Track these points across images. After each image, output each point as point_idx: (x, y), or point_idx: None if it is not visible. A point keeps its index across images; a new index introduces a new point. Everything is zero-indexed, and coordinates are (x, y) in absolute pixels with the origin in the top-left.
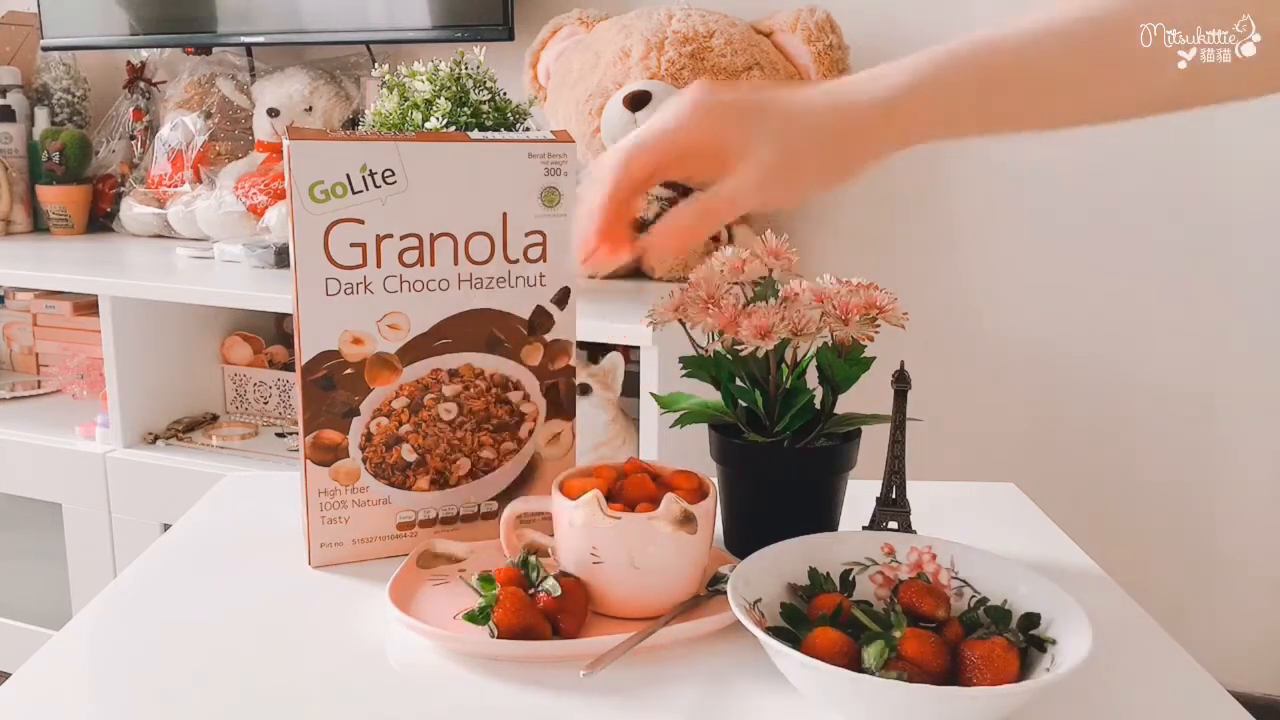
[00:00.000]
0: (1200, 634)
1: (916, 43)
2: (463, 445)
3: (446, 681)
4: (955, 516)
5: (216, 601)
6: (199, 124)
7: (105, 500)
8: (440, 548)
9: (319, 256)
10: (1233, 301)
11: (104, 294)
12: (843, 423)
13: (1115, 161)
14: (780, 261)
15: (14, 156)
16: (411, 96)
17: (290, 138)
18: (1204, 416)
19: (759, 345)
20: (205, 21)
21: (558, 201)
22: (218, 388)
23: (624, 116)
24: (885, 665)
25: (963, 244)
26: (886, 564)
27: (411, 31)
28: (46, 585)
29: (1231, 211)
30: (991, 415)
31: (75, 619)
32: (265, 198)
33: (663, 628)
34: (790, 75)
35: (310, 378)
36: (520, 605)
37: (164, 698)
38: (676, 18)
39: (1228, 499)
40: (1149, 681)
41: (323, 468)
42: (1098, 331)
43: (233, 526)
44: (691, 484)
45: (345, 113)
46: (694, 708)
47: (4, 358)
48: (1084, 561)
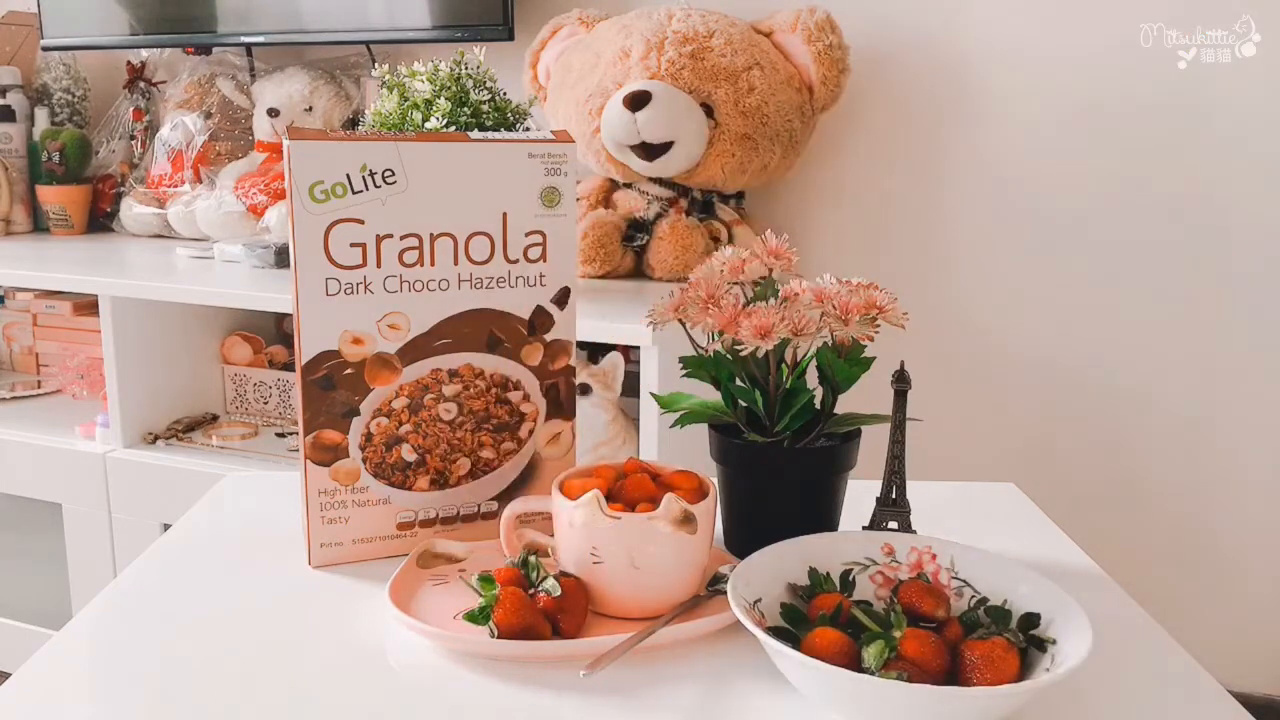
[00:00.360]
0: (1200, 634)
1: (917, 43)
2: (463, 445)
3: (446, 681)
4: (955, 516)
5: (216, 601)
6: (199, 124)
7: (105, 500)
8: (440, 548)
9: (319, 256)
10: (1233, 301)
11: (104, 294)
12: (843, 423)
13: (1115, 163)
14: (780, 261)
15: (14, 156)
16: (411, 96)
17: (290, 138)
18: (1204, 416)
19: (759, 345)
20: (205, 21)
21: (558, 201)
22: (218, 388)
23: (624, 116)
24: (885, 665)
25: (963, 244)
26: (886, 564)
27: (411, 31)
28: (46, 585)
29: (1232, 212)
30: (991, 415)
31: (75, 619)
32: (265, 198)
33: (663, 628)
34: (790, 75)
35: (310, 378)
36: (520, 605)
37: (164, 698)
38: (676, 18)
39: (1228, 499)
40: (1149, 681)
41: (323, 468)
42: (1098, 331)
43: (233, 526)
44: (691, 484)
45: (345, 113)
46: (694, 708)
47: (4, 358)
48: (1084, 561)
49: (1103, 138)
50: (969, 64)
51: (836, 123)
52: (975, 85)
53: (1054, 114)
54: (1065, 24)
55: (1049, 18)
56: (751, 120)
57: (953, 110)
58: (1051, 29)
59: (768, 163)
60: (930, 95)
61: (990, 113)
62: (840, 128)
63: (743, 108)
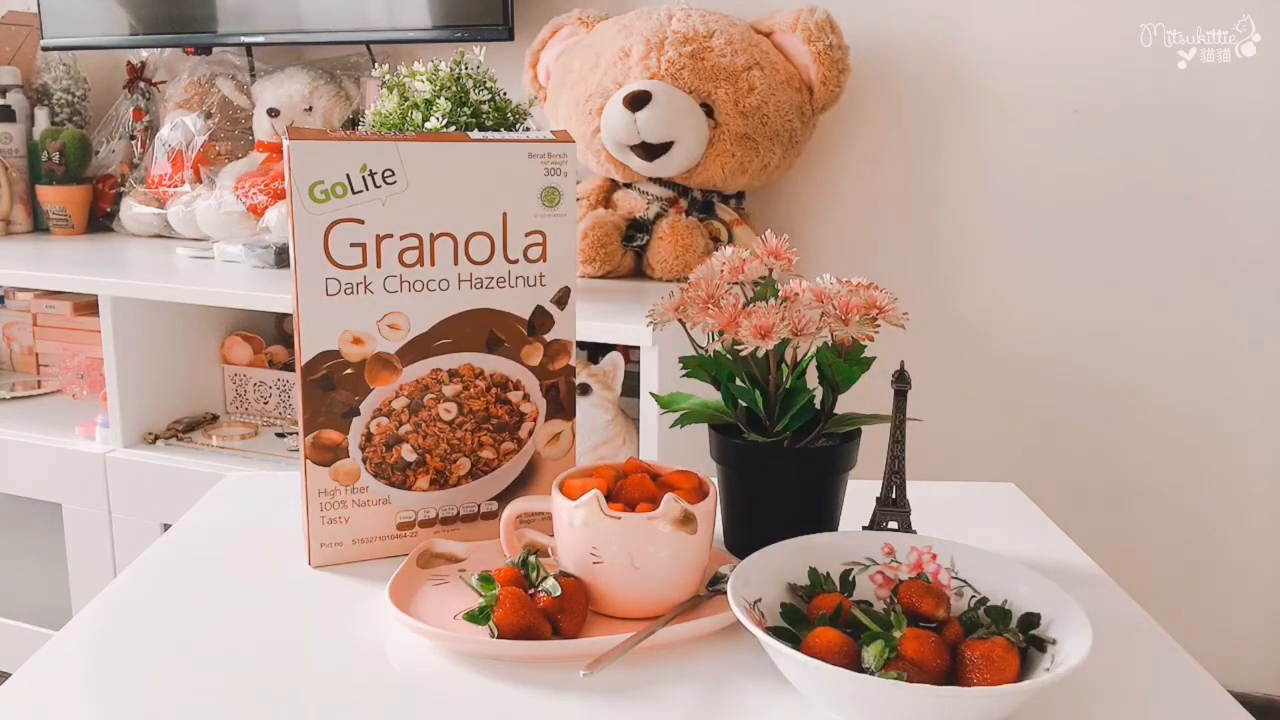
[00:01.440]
0: (1200, 634)
1: (917, 43)
2: (463, 445)
3: (446, 681)
4: (955, 516)
5: (216, 601)
6: (199, 124)
7: (105, 500)
8: (440, 548)
9: (319, 256)
10: (1233, 301)
11: (104, 294)
12: (843, 423)
13: (1115, 163)
14: (780, 261)
15: (14, 156)
16: (411, 96)
17: (290, 138)
18: (1204, 416)
19: (759, 345)
20: (205, 21)
21: (558, 201)
22: (218, 388)
23: (624, 116)
24: (885, 665)
25: (963, 244)
26: (886, 564)
27: (411, 31)
28: (46, 585)
29: (1232, 212)
30: (991, 415)
31: (75, 619)
32: (265, 198)
33: (663, 628)
34: (790, 75)
35: (310, 378)
36: (520, 605)
37: (164, 698)
38: (676, 18)
39: (1228, 499)
40: (1149, 681)
41: (323, 468)
42: (1098, 331)
43: (233, 526)
44: (691, 484)
45: (345, 113)
46: (694, 708)
47: (4, 358)
48: (1084, 561)
49: (1103, 138)
50: (969, 64)
51: (836, 123)
52: (975, 85)
53: (1054, 114)
54: (1066, 24)
55: (1049, 18)
56: (751, 120)
57: (953, 110)
58: (1052, 29)
59: (768, 163)
60: (930, 95)
61: (990, 113)
62: (840, 128)
63: (743, 108)
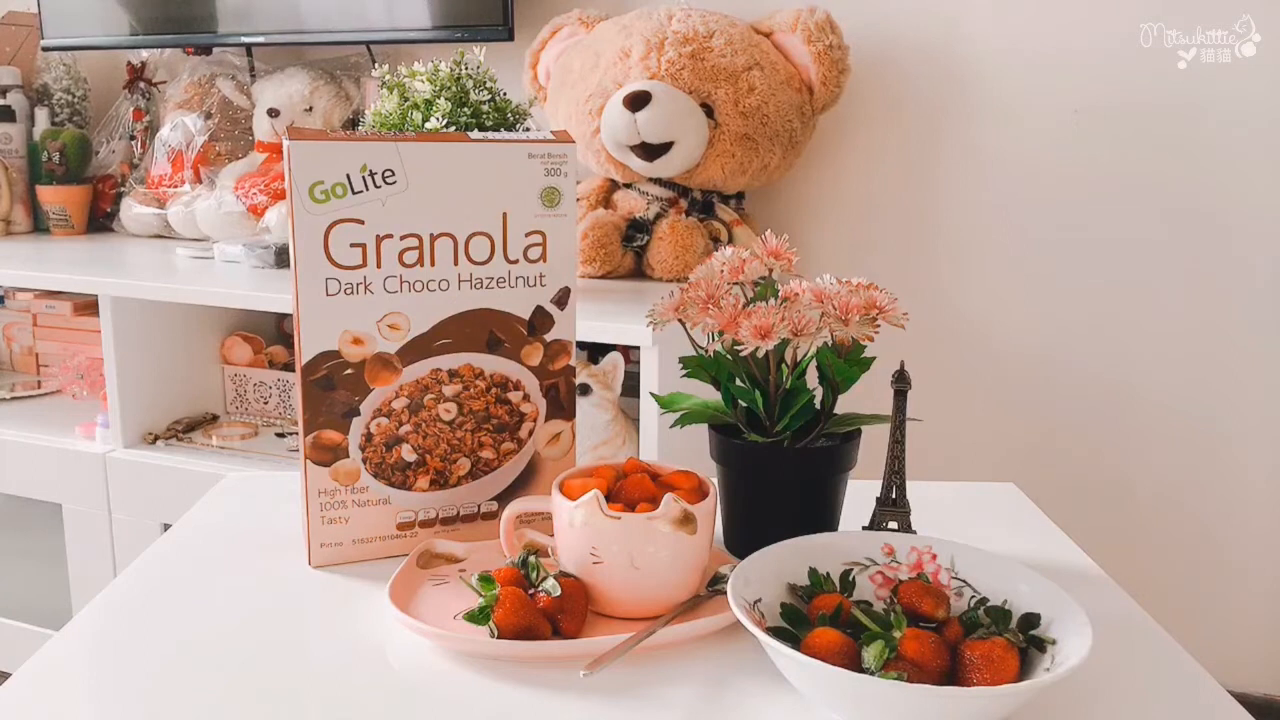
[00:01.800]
0: (1200, 634)
1: (917, 43)
2: (463, 445)
3: (446, 681)
4: (955, 516)
5: (216, 601)
6: (199, 124)
7: (105, 500)
8: (440, 548)
9: (319, 256)
10: (1233, 300)
11: (104, 294)
12: (843, 423)
13: (1115, 163)
14: (780, 261)
15: (14, 156)
16: (411, 97)
17: (290, 138)
18: (1204, 416)
19: (759, 345)
20: (205, 21)
21: (558, 201)
22: (218, 388)
23: (624, 116)
24: (885, 665)
25: (963, 244)
26: (886, 564)
27: (411, 31)
28: (46, 585)
29: (1232, 211)
30: (991, 415)
31: (75, 619)
32: (265, 198)
33: (663, 628)
34: (790, 76)
35: (310, 378)
36: (520, 605)
37: (164, 698)
38: (676, 18)
39: (1228, 499)
40: (1149, 681)
41: (323, 468)
42: (1099, 331)
43: (233, 526)
44: (691, 484)
45: (345, 113)
46: (694, 708)
47: (4, 358)
48: (1084, 561)
49: (1103, 138)
50: (969, 64)
51: (836, 123)
52: (975, 85)
53: (1054, 114)
54: (1066, 24)
55: (1049, 18)
56: (751, 120)
57: (953, 110)
58: (1052, 29)
59: (768, 163)
60: (930, 95)
61: (990, 113)
62: (840, 128)
63: (743, 108)
